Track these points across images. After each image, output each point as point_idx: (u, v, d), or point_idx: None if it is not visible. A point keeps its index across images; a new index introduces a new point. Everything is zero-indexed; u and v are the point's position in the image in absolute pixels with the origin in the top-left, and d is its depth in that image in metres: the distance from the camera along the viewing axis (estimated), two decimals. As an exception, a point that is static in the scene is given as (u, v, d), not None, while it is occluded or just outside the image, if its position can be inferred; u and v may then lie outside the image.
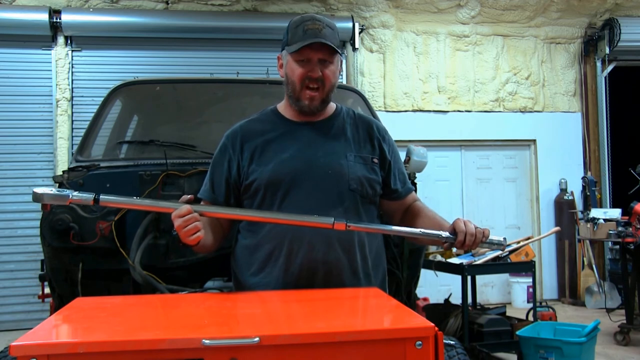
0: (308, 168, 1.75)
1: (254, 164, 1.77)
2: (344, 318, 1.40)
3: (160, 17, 6.78)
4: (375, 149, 1.86)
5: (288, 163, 1.75)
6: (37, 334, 1.19)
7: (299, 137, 1.80)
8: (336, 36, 1.78)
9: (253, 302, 1.61)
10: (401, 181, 1.92)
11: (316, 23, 1.74)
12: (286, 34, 1.78)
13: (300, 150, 1.77)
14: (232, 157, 1.81)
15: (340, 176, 1.76)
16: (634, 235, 5.06)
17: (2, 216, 6.29)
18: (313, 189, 1.73)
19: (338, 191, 1.75)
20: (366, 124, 1.91)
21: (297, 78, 1.76)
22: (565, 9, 7.57)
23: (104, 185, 2.48)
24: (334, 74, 1.79)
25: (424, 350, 1.16)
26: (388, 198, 1.90)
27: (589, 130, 7.75)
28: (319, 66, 1.74)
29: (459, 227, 1.68)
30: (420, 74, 7.38)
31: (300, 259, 1.69)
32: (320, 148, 1.79)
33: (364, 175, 1.80)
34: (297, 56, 1.74)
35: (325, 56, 1.74)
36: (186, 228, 1.57)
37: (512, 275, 7.03)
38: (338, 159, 1.78)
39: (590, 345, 3.85)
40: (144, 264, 2.33)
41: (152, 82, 3.51)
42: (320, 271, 1.70)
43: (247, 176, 1.78)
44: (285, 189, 1.72)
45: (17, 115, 6.42)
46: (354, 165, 1.79)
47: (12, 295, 6.20)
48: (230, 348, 1.12)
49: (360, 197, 1.79)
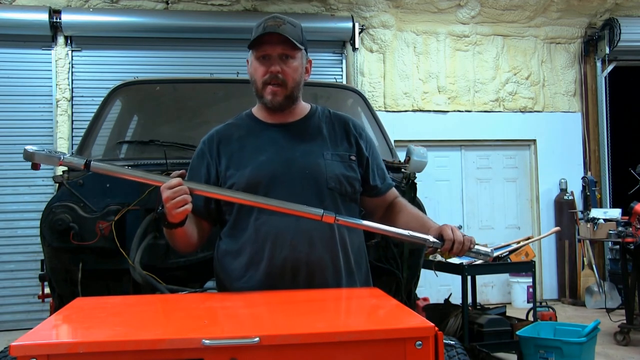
0: (286, 169, 1.74)
1: (231, 168, 1.77)
2: (344, 318, 1.40)
3: (160, 17, 6.78)
4: (352, 146, 1.85)
5: (265, 165, 1.74)
6: (37, 334, 1.19)
7: (275, 139, 1.80)
8: (299, 33, 1.76)
9: (253, 302, 1.61)
10: (380, 177, 1.90)
11: (276, 20, 1.74)
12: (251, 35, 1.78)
13: (276, 152, 1.77)
14: (210, 162, 1.80)
15: (318, 175, 1.75)
16: (634, 235, 5.06)
17: (2, 216, 6.29)
18: (292, 190, 1.72)
19: (317, 190, 1.74)
20: (342, 121, 1.89)
21: (258, 75, 1.76)
22: (565, 9, 7.57)
23: (104, 185, 2.48)
24: (296, 70, 1.77)
25: (424, 350, 1.16)
26: (368, 195, 1.89)
27: (589, 130, 7.75)
28: (279, 62, 1.74)
29: (446, 234, 1.67)
30: (420, 74, 7.38)
31: (282, 261, 1.69)
32: (297, 149, 1.78)
33: (342, 173, 1.79)
34: (257, 52, 1.75)
35: (285, 51, 1.73)
36: (174, 200, 1.56)
37: (512, 275, 7.03)
38: (315, 158, 1.77)
39: (590, 345, 3.85)
40: (144, 264, 2.32)
41: (152, 82, 3.51)
42: (303, 271, 1.70)
43: (225, 181, 1.77)
44: (263, 192, 1.71)
45: (17, 115, 6.42)
46: (332, 163, 1.78)
47: (12, 295, 6.20)
48: (230, 348, 1.12)
49: (339, 195, 1.78)
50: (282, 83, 1.75)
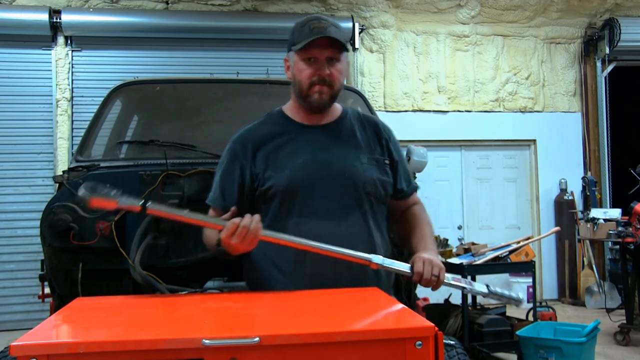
0: (324, 173, 1.74)
1: (268, 170, 1.75)
2: (344, 318, 1.40)
3: (160, 17, 6.78)
4: (384, 150, 1.86)
5: (303, 168, 1.74)
6: (37, 334, 1.19)
7: (310, 140, 1.80)
8: (342, 35, 1.77)
9: (253, 302, 1.61)
10: (406, 180, 1.92)
11: (322, 22, 1.74)
12: (291, 35, 1.78)
13: (314, 154, 1.77)
14: (244, 163, 1.78)
15: (356, 179, 1.76)
16: (634, 235, 5.06)
17: (2, 216, 6.29)
18: (330, 194, 1.73)
19: (356, 194, 1.75)
20: (372, 123, 1.91)
21: (304, 77, 1.75)
22: (565, 9, 7.57)
23: (103, 185, 2.48)
24: (341, 72, 1.78)
25: (424, 350, 1.16)
26: (394, 197, 1.90)
27: (589, 130, 7.75)
28: (327, 65, 1.74)
29: (416, 267, 1.68)
30: (420, 74, 7.38)
31: (323, 267, 1.68)
32: (333, 152, 1.79)
33: (378, 177, 1.80)
34: (304, 54, 1.74)
35: (332, 54, 1.74)
36: (242, 242, 1.57)
37: (512, 275, 7.03)
38: (352, 161, 1.78)
39: (590, 345, 3.85)
40: (144, 264, 2.32)
41: (152, 82, 3.50)
42: (345, 277, 1.70)
43: (262, 183, 1.75)
44: (303, 195, 1.72)
45: (17, 115, 6.42)
46: (368, 167, 1.79)
47: (12, 295, 6.20)
48: (230, 348, 1.12)
49: (375, 199, 1.79)
50: (330, 85, 1.76)
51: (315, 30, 1.71)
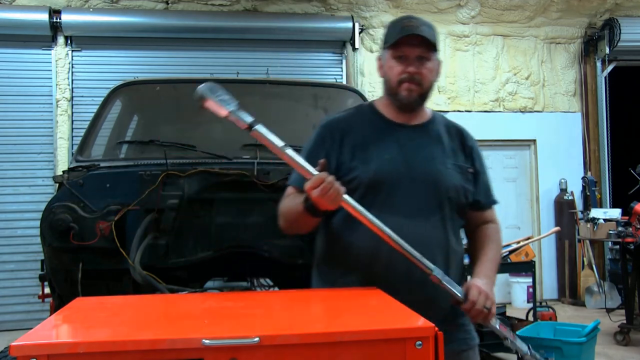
0: (408, 172, 1.73)
1: (355, 160, 1.75)
2: (343, 318, 1.40)
3: (160, 17, 6.78)
4: (467, 158, 1.86)
5: (389, 164, 1.73)
6: (37, 334, 1.19)
7: (398, 138, 1.79)
8: (434, 34, 1.78)
9: (253, 302, 1.61)
10: (485, 192, 1.91)
11: (413, 21, 1.77)
12: (384, 34, 1.81)
13: (400, 153, 1.76)
14: (330, 149, 1.77)
15: (440, 183, 1.75)
16: (634, 235, 5.06)
17: (2, 216, 6.29)
18: (413, 194, 1.72)
19: (437, 199, 1.75)
20: (459, 131, 1.91)
21: (394, 75, 1.76)
22: (565, 9, 7.57)
23: (104, 185, 2.48)
24: (431, 71, 1.79)
25: (424, 350, 1.16)
26: (470, 208, 1.88)
27: (589, 130, 7.75)
28: (417, 63, 1.75)
29: (471, 295, 1.66)
30: (420, 74, 7.37)
31: (398, 262, 1.66)
32: (420, 152, 1.78)
33: (461, 184, 1.80)
34: (395, 52, 1.76)
35: (422, 53, 1.75)
36: (327, 194, 1.54)
37: (512, 275, 7.03)
38: (437, 165, 1.77)
39: (590, 345, 3.85)
40: (144, 264, 2.32)
41: (152, 82, 3.50)
42: (416, 274, 1.66)
43: (348, 172, 1.74)
44: (387, 191, 1.71)
45: (17, 115, 6.42)
46: (453, 173, 1.79)
47: (12, 295, 6.20)
48: (230, 348, 1.12)
49: (455, 205, 1.79)
50: (419, 83, 1.76)
51: (406, 28, 1.74)
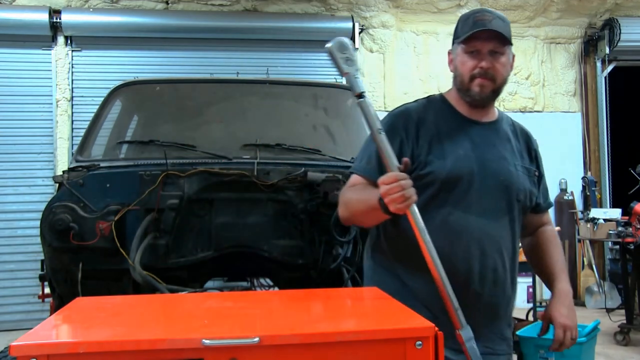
0: (481, 170, 1.71)
1: (431, 154, 1.71)
2: (344, 318, 1.40)
3: (160, 17, 6.78)
4: (532, 161, 1.85)
5: (465, 161, 1.70)
6: (37, 334, 1.19)
7: (471, 135, 1.76)
8: (508, 28, 1.74)
9: (253, 302, 1.61)
10: (544, 195, 1.91)
11: (485, 14, 1.72)
12: (456, 28, 1.77)
13: (473, 150, 1.73)
14: (404, 139, 1.72)
15: (510, 185, 1.74)
16: (634, 235, 5.06)
17: (2, 216, 6.28)
18: (485, 193, 1.71)
19: (507, 200, 1.74)
20: (524, 134, 1.90)
21: (466, 70, 1.73)
22: (565, 9, 7.57)
23: (104, 185, 2.48)
24: (505, 66, 1.74)
25: (424, 350, 1.16)
26: (531, 210, 1.88)
27: (589, 130, 7.75)
28: (489, 58, 1.71)
29: (556, 335, 1.70)
30: (420, 74, 7.37)
31: (470, 263, 1.64)
32: (491, 151, 1.76)
33: (528, 187, 1.79)
34: (467, 47, 1.72)
35: (495, 47, 1.71)
36: (392, 196, 1.44)
37: (512, 275, 7.02)
38: (507, 166, 1.76)
39: (590, 345, 3.83)
40: (144, 264, 2.32)
41: (152, 82, 3.51)
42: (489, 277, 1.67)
43: (422, 166, 1.70)
44: (464, 188, 1.69)
45: (17, 115, 6.40)
46: (522, 176, 1.78)
47: (12, 295, 6.19)
48: (230, 348, 1.12)
49: (522, 208, 1.79)
50: (492, 79, 1.72)
51: (478, 22, 1.69)
